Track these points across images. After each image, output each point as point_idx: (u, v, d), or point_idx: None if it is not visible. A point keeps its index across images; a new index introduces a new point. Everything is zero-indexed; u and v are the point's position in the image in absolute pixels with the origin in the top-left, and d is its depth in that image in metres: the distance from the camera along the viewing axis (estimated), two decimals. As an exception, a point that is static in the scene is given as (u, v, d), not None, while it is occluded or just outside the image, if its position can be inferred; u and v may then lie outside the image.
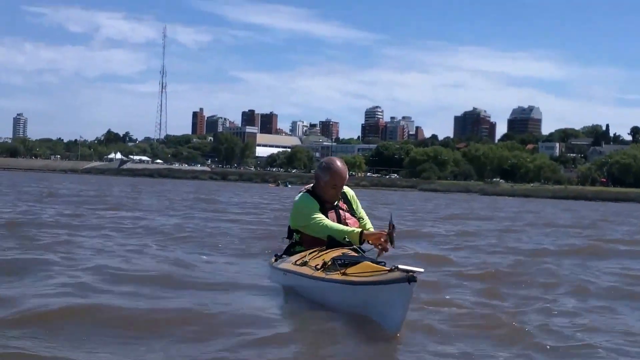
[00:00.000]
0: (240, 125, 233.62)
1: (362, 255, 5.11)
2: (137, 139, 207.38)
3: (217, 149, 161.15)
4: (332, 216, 5.70)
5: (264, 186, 74.49)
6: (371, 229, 5.83)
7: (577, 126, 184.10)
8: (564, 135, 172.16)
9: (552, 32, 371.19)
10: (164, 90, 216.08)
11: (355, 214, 5.91)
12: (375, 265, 4.56)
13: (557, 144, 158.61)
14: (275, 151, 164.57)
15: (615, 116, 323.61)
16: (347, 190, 5.99)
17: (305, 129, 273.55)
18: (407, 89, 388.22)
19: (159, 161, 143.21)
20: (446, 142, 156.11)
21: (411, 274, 4.06)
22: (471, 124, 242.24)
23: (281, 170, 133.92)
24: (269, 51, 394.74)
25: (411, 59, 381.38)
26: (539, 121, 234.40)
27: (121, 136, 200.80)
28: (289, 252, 5.87)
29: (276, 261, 6.06)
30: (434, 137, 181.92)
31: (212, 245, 9.10)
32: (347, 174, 5.80)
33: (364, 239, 5.31)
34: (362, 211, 6.05)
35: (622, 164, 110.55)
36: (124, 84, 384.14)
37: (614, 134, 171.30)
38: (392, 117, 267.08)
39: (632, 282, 7.00)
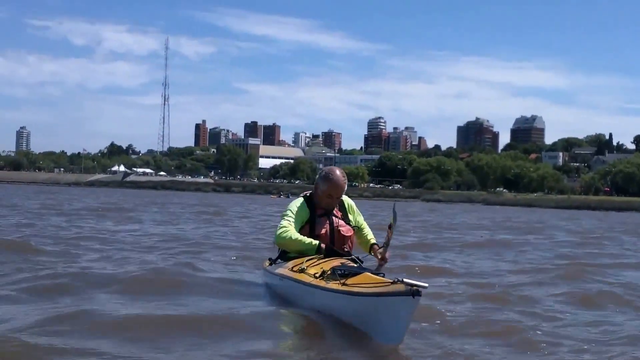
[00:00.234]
0: (243, 136, 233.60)
1: (360, 266, 5.10)
2: (140, 151, 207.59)
3: (220, 161, 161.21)
4: (325, 223, 5.73)
5: (267, 197, 74.65)
6: (372, 239, 5.91)
7: (581, 135, 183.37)
8: (567, 144, 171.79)
9: (555, 42, 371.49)
10: (166, 102, 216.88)
11: (349, 222, 5.91)
12: (375, 276, 4.51)
13: (561, 154, 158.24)
14: (278, 162, 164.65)
15: (618, 125, 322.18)
16: (345, 199, 6.00)
17: (308, 140, 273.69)
18: (411, 99, 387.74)
19: (162, 173, 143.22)
20: (449, 152, 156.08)
21: (415, 288, 3.99)
22: (474, 133, 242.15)
23: (284, 181, 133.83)
24: (272, 62, 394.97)
25: (414, 69, 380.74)
26: (542, 130, 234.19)
27: (124, 148, 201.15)
28: (284, 257, 5.86)
29: (270, 265, 6.05)
30: (437, 147, 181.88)
31: (209, 252, 9.14)
32: (346, 185, 5.84)
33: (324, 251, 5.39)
34: (361, 220, 6.05)
35: (625, 173, 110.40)
36: (127, 96, 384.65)
37: (617, 143, 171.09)
38: (394, 128, 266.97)
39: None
